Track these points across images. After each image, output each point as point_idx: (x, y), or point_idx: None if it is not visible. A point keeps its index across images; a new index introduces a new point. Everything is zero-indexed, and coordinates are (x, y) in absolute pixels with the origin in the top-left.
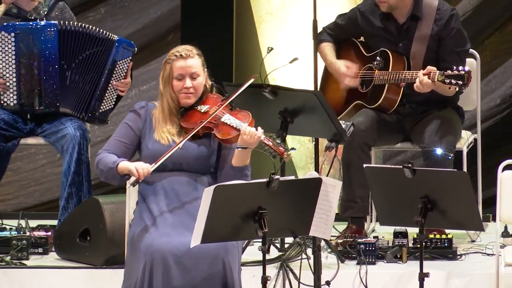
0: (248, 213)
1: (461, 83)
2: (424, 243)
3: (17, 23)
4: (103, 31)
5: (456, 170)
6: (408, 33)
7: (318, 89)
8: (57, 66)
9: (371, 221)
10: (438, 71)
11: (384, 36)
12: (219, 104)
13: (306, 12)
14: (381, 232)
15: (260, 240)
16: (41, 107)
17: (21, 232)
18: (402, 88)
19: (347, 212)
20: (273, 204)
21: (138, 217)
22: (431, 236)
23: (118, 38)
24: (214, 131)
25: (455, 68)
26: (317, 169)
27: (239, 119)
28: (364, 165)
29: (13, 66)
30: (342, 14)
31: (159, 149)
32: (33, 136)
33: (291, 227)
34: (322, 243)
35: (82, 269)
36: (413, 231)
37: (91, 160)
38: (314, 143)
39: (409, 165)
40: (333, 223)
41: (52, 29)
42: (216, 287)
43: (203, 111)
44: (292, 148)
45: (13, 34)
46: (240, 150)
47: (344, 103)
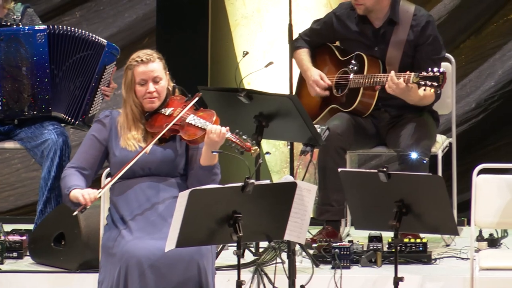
0: (223, 217)
1: (436, 84)
2: (399, 247)
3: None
4: (93, 35)
5: (431, 174)
6: (384, 37)
7: (294, 94)
8: (48, 70)
9: (346, 225)
10: (413, 73)
11: (360, 40)
12: (183, 106)
13: (282, 17)
14: (356, 236)
15: (235, 244)
16: (33, 112)
17: None
18: (377, 92)
19: (323, 216)
20: (248, 208)
21: (110, 222)
22: (406, 240)
23: (107, 43)
24: (180, 133)
25: (430, 70)
26: (292, 173)
27: (204, 119)
28: (339, 170)
29: None
30: (318, 20)
31: (127, 156)
32: (9, 140)
33: (266, 231)
34: (297, 247)
35: (57, 273)
36: (388, 235)
37: None
38: (290, 147)
39: (384, 169)
40: (308, 227)
41: (42, 34)
42: None
43: (168, 114)
44: (267, 153)
45: None
46: (206, 149)
47: (320, 107)
